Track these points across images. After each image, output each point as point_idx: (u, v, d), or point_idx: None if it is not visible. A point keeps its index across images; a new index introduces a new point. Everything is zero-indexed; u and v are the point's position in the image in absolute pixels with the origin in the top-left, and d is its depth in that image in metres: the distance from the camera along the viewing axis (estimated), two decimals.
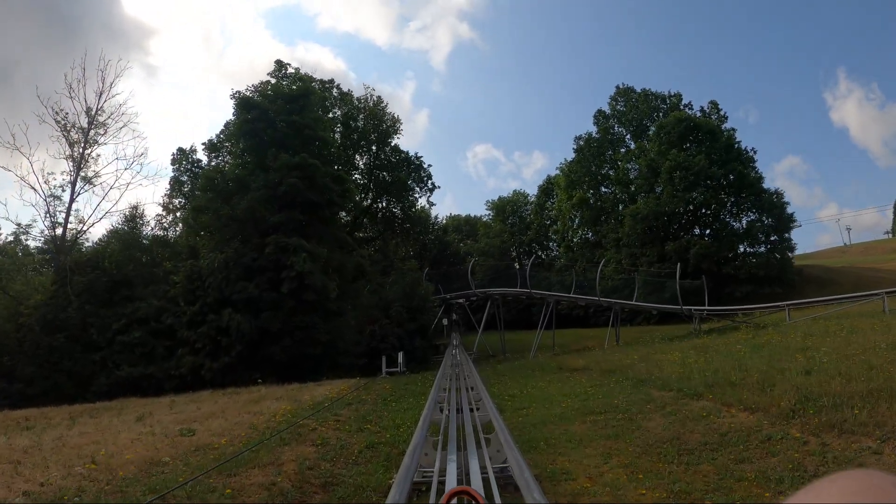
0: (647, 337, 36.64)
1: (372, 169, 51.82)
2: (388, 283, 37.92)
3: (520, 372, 22.38)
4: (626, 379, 17.06)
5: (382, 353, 35.37)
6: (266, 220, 28.49)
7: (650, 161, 52.27)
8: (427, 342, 36.81)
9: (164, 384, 30.54)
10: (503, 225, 74.52)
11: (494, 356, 38.01)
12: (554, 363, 23.64)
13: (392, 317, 35.91)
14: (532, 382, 19.11)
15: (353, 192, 31.12)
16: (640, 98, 62.29)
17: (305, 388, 22.05)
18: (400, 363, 23.58)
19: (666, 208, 49.94)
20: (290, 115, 32.04)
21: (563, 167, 67.05)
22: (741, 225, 51.23)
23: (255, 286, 27.11)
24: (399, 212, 53.42)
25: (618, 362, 21.05)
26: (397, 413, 14.11)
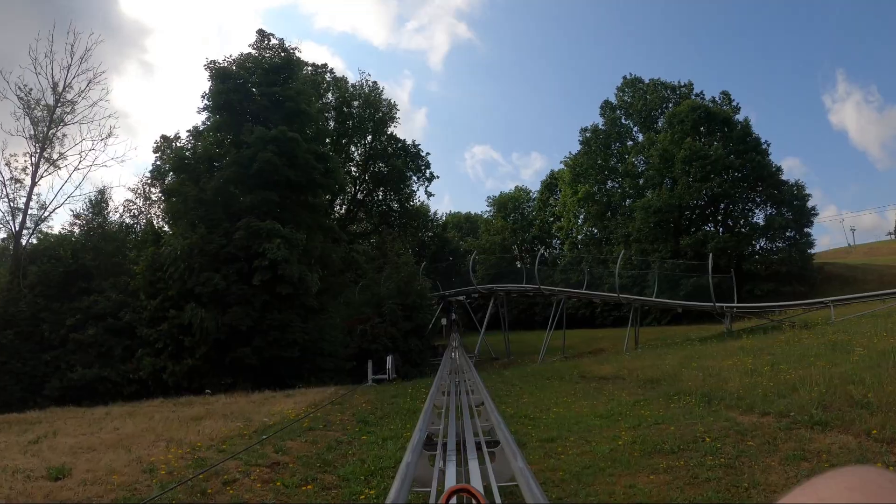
0: (668, 338, 32.03)
1: (367, 159, 47.29)
2: (383, 278, 33.31)
3: (533, 381, 17.77)
4: (681, 394, 12.47)
5: (374, 355, 30.77)
6: (237, 202, 23.96)
7: (662, 151, 47.68)
8: (424, 343, 32.20)
9: (122, 389, 26.01)
10: (505, 222, 69.91)
11: (497, 359, 33.40)
12: (574, 369, 19.03)
13: (385, 315, 31.31)
14: (553, 396, 14.50)
15: (339, 173, 26.60)
16: (648, 88, 57.78)
17: (271, 399, 17.46)
18: (388, 369, 18.91)
19: (680, 201, 45.37)
20: (270, 87, 27.49)
21: (567, 161, 62.49)
22: (760, 219, 46.62)
23: (222, 277, 22.52)
24: (396, 205, 48.83)
25: (656, 369, 16.46)
26: (372, 447, 9.52)
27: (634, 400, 12.81)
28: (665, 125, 50.60)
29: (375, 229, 48.47)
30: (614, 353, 29.01)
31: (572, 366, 20.30)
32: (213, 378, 24.81)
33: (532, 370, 20.31)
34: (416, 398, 14.44)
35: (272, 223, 22.22)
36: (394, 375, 19.04)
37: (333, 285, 25.46)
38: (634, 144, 55.41)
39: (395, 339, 30.81)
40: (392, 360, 18.75)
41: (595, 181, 57.10)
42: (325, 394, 17.19)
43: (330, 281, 25.65)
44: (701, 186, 43.90)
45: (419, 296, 31.95)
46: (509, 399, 14.51)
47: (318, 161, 25.04)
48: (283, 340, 22.69)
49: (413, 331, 31.64)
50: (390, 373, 18.57)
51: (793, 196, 46.59)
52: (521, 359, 32.06)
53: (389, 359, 18.69)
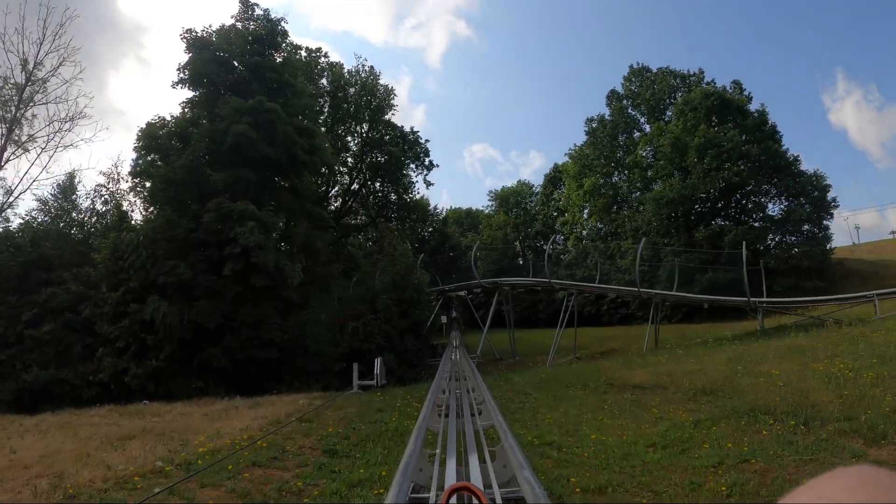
0: (691, 337, 28.66)
1: (364, 148, 43.89)
2: (378, 271, 29.92)
3: (550, 389, 14.38)
4: (755, 411, 9.13)
5: (366, 354, 27.38)
6: (209, 182, 20.61)
7: (674, 140, 44.23)
8: (421, 342, 28.81)
9: (81, 392, 22.70)
10: (507, 216, 66.50)
11: (502, 359, 30.01)
12: (597, 375, 15.65)
13: (379, 311, 27.93)
14: (581, 412, 11.14)
15: (326, 152, 23.21)
16: (657, 77, 54.32)
17: (232, 411, 14.14)
18: (377, 374, 15.47)
19: (694, 191, 41.93)
20: (252, 58, 24.12)
21: (572, 153, 59.03)
22: (776, 210, 43.15)
23: (188, 266, 19.16)
24: (394, 196, 45.42)
25: (703, 376, 13.11)
26: (331, 499, 6.17)
27: (694, 419, 9.43)
28: (676, 113, 47.13)
29: (372, 222, 45.08)
30: (634, 353, 25.59)
31: (592, 370, 16.91)
32: (182, 381, 21.50)
33: (545, 375, 16.95)
34: (406, 413, 11.08)
35: (245, 204, 18.88)
36: (383, 381, 15.66)
37: (319, 277, 22.12)
38: (643, 135, 51.94)
39: (389, 337, 27.44)
40: (381, 364, 15.34)
41: (601, 174, 53.68)
42: (298, 404, 13.84)
43: (316, 273, 22.33)
44: (717, 175, 40.44)
45: (416, 290, 28.55)
46: (524, 415, 11.14)
47: (301, 136, 21.65)
48: (258, 339, 19.34)
49: (410, 328, 28.27)
50: (378, 379, 15.18)
51: (812, 186, 43.15)
52: (527, 360, 28.67)
53: (378, 362, 15.27)
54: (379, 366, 15.26)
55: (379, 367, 15.23)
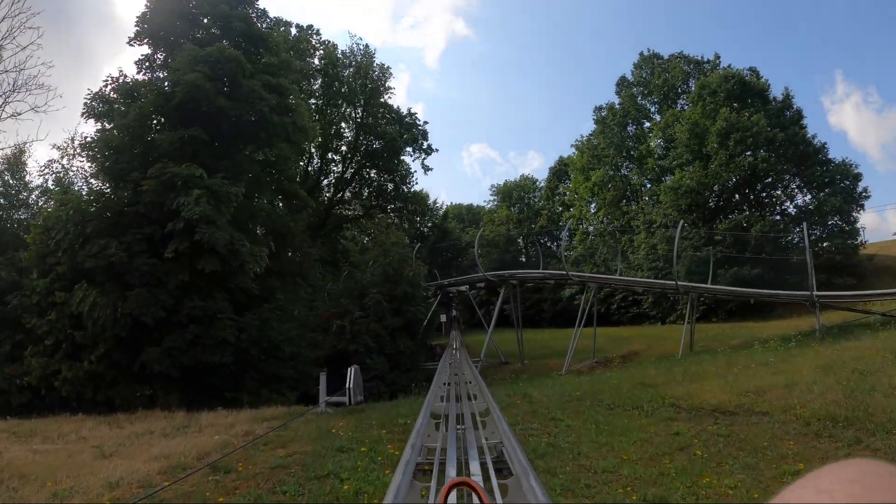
0: (728, 337, 24.39)
1: (358, 133, 39.61)
2: (369, 263, 25.62)
3: (586, 412, 10.05)
4: None
5: (352, 357, 23.12)
6: (154, 145, 16.36)
7: (692, 125, 39.93)
8: (417, 344, 24.53)
9: (10, 398, 18.48)
10: (509, 212, 62.20)
11: (508, 363, 25.72)
12: (650, 391, 11.30)
13: (368, 308, 23.67)
14: (650, 458, 6.80)
15: (303, 115, 18.90)
16: (669, 64, 50.03)
17: (142, 438, 9.85)
18: (349, 389, 11.03)
19: (715, 180, 37.66)
20: (217, 7, 19.86)
21: (579, 144, 54.77)
22: (807, 200, 38.84)
23: (121, 246, 14.88)
24: (391, 186, 41.13)
25: (809, 393, 8.83)
26: None
27: None
28: (693, 98, 42.82)
29: (367, 212, 40.81)
30: (668, 358, 21.34)
31: (633, 382, 12.58)
32: (125, 389, 17.22)
33: (571, 388, 12.63)
34: (377, 460, 6.79)
35: (191, 167, 14.63)
36: (359, 398, 11.31)
37: (292, 266, 17.81)
38: (655, 124, 47.61)
39: (379, 337, 23.18)
40: (355, 375, 10.95)
41: (611, 165, 49.38)
42: (233, 432, 9.55)
43: (287, 261, 18.03)
44: (741, 162, 36.11)
45: (411, 284, 24.28)
46: (562, 462, 6.84)
47: (271, 93, 17.39)
48: (209, 339, 15.05)
49: (403, 328, 24.01)
50: (352, 394, 10.81)
51: (842, 175, 38.88)
52: (537, 364, 24.39)
53: (351, 372, 10.86)
54: (353, 377, 10.92)
55: (352, 378, 10.89)
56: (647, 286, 24.09)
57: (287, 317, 17.26)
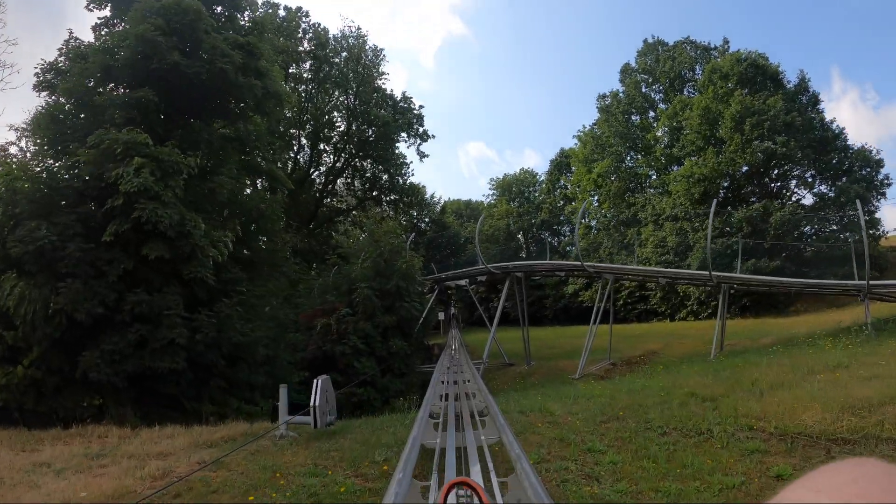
0: (751, 335, 21.68)
1: (350, 120, 36.80)
2: (360, 256, 22.82)
3: (631, 437, 7.28)
4: None
5: (339, 360, 20.40)
6: (99, 111, 13.57)
7: (704, 110, 37.21)
8: (411, 344, 21.74)
9: None
10: (509, 206, 59.46)
11: (513, 365, 22.93)
12: (710, 405, 8.48)
13: (356, 305, 20.88)
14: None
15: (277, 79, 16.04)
16: (675, 51, 47.32)
17: (30, 475, 7.03)
18: (314, 406, 8.15)
19: (730, 167, 34.93)
20: None
21: (581, 135, 52.07)
22: (823, 189, 36.14)
23: (53, 229, 12.07)
24: (386, 176, 38.34)
25: None
26: None
27: None
28: (703, 82, 40.07)
29: (360, 204, 38.02)
30: (694, 359, 18.63)
31: (681, 391, 9.80)
32: (70, 397, 14.46)
33: (597, 399, 9.85)
34: None
35: (134, 132, 11.85)
36: (330, 418, 8.47)
37: (262, 255, 14.99)
38: (662, 111, 44.82)
39: (369, 338, 20.40)
40: (323, 389, 8.09)
41: (615, 155, 46.63)
42: (147, 470, 6.77)
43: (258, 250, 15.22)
44: (758, 147, 33.37)
45: (405, 278, 21.48)
46: None
47: (237, 50, 14.56)
48: (156, 341, 12.24)
49: (396, 326, 21.22)
50: (319, 415, 7.97)
51: (862, 163, 36.23)
52: (545, 365, 21.62)
53: (317, 386, 8.01)
54: (319, 392, 8.07)
55: (319, 393, 8.05)
56: (673, 277, 21.18)
57: (256, 314, 14.46)
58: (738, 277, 19.03)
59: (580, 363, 17.91)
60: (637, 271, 21.89)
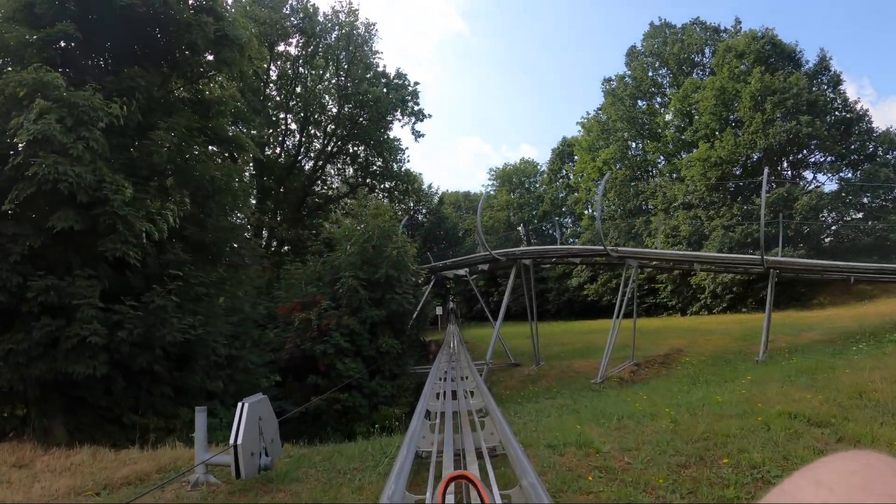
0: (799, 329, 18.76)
1: (342, 101, 33.72)
2: (344, 241, 19.80)
3: None
4: None
5: (320, 361, 17.45)
6: (8, 50, 10.55)
7: (719, 91, 34.22)
8: (404, 342, 18.74)
9: None
10: (509, 196, 56.47)
11: (518, 365, 19.95)
12: (833, 436, 5.51)
13: (340, 297, 17.88)
14: None
15: (239, 26, 13.03)
16: (685, 31, 44.28)
17: None
18: (236, 444, 5.15)
19: (750, 149, 31.97)
20: None
21: (584, 122, 49.08)
22: (853, 174, 33.17)
23: None
24: (380, 162, 35.29)
25: None
26: None
27: None
28: (717, 63, 37.05)
29: (353, 191, 35.00)
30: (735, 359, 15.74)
31: (761, 409, 6.90)
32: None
33: (660, 423, 6.94)
34: None
35: (42, 70, 8.85)
36: (266, 461, 5.41)
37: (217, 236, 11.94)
38: (673, 94, 41.75)
39: (354, 335, 17.39)
40: (247, 419, 5.06)
41: (621, 142, 43.63)
42: None
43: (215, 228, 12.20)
44: (781, 127, 30.39)
45: (396, 266, 18.44)
46: None
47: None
48: (67, 339, 9.27)
49: (386, 322, 18.21)
50: (244, 459, 5.02)
51: (888, 146, 33.29)
52: (556, 366, 18.64)
53: (242, 414, 4.98)
54: (245, 424, 4.94)
55: (244, 426, 4.93)
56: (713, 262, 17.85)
57: (208, 307, 11.46)
58: (794, 262, 16.04)
59: (602, 365, 14.94)
60: (670, 256, 18.63)
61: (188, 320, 10.27)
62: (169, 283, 10.07)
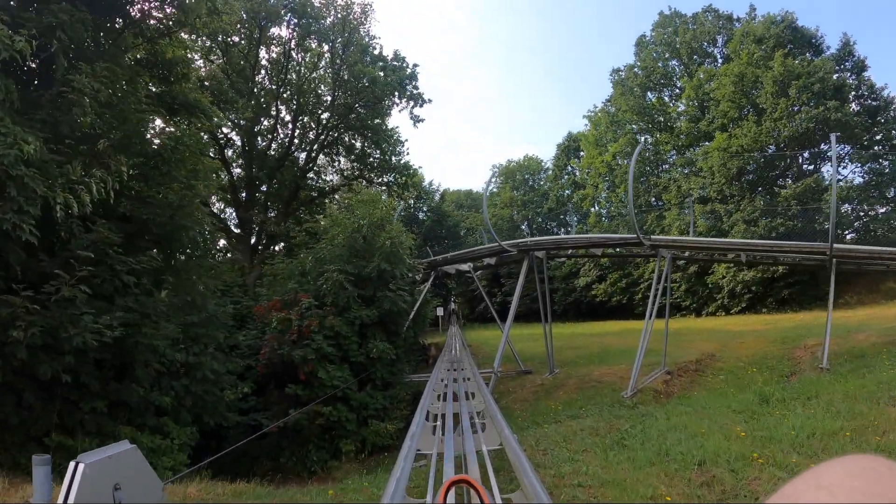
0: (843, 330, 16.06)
1: (336, 89, 31.15)
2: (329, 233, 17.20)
3: None
4: None
5: (300, 368, 14.88)
6: None
7: (738, 77, 31.65)
8: (398, 347, 16.12)
9: None
10: (513, 194, 53.91)
11: (529, 372, 17.33)
12: None
13: (324, 295, 15.30)
14: None
15: None
16: (696, 20, 41.74)
17: None
18: None
19: (774, 138, 29.37)
20: None
21: (591, 116, 46.52)
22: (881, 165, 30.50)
23: None
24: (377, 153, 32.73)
25: None
26: None
27: None
28: (733, 49, 34.49)
29: (348, 184, 32.44)
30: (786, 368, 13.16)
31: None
32: None
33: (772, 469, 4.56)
34: None
35: None
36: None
37: (163, 213, 9.41)
38: (687, 82, 39.12)
39: (340, 338, 14.80)
40: (82, 487, 2.61)
41: (631, 134, 41.03)
42: None
43: (163, 206, 9.62)
44: (808, 113, 27.77)
45: (390, 259, 15.84)
46: None
47: None
48: None
49: (378, 323, 15.60)
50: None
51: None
52: (572, 374, 16.02)
53: (71, 480, 2.67)
54: (75, 490, 2.66)
55: (74, 493, 2.65)
56: (773, 252, 14.61)
57: (143, 302, 8.90)
58: (860, 249, 13.40)
59: (632, 374, 12.32)
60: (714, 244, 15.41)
61: (107, 318, 7.69)
62: (78, 269, 7.50)
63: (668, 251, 13.60)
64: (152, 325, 9.22)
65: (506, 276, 45.14)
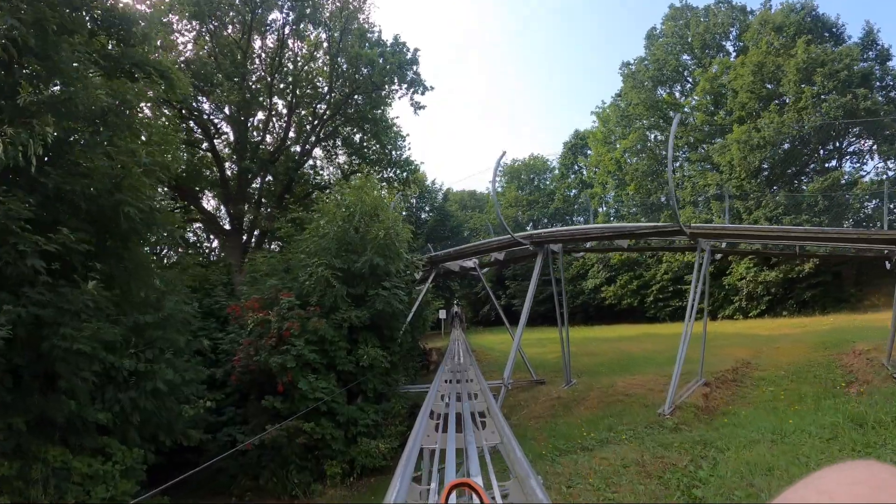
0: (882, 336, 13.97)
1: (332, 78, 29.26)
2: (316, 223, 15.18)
3: None
4: None
5: (280, 377, 12.85)
6: None
7: (757, 67, 29.60)
8: (393, 354, 14.06)
9: None
10: (518, 193, 51.91)
11: (542, 383, 15.25)
12: None
13: (308, 293, 13.28)
14: None
15: None
16: (708, 14, 39.76)
17: None
18: None
19: (798, 131, 27.27)
20: None
21: (600, 112, 44.47)
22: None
23: None
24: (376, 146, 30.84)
25: None
26: None
27: None
28: (750, 38, 32.47)
29: (345, 178, 30.47)
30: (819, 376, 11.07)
31: None
32: None
33: None
34: None
35: None
36: None
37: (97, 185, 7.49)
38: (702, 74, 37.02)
39: (326, 343, 12.73)
40: None
41: (642, 130, 38.97)
42: None
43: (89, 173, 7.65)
44: (835, 101, 25.67)
45: (383, 252, 13.81)
46: None
47: None
48: None
49: (370, 326, 13.54)
50: None
51: None
52: (592, 384, 13.93)
53: None
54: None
55: None
56: (836, 239, 11.89)
57: (59, 296, 6.92)
58: None
59: (671, 388, 10.23)
60: (771, 232, 12.90)
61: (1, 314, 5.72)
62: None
63: (708, 242, 11.50)
64: (76, 323, 7.24)
65: (510, 277, 43.01)
